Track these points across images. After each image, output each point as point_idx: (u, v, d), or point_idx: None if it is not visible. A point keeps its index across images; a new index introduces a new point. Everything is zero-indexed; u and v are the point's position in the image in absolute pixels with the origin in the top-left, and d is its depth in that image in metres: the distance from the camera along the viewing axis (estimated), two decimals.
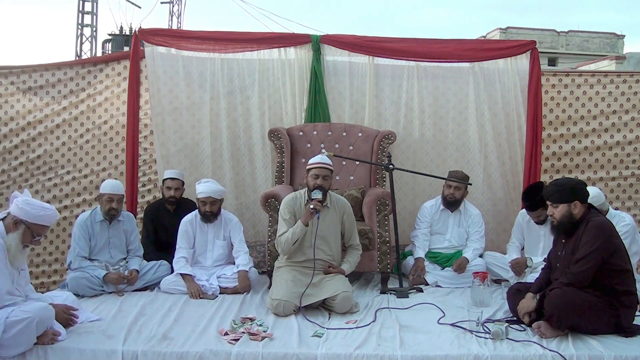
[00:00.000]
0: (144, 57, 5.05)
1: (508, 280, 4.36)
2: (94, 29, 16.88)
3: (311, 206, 3.71)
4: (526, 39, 6.56)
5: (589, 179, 5.13)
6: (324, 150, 4.51)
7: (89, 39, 16.83)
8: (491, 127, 5.12)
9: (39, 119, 5.18)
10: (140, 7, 21.08)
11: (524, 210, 4.38)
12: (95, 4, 16.78)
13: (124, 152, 5.11)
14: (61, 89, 5.20)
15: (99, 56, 15.30)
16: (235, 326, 3.32)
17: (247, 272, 4.18)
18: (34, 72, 5.18)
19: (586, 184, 3.45)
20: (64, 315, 3.18)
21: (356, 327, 3.35)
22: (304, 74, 5.10)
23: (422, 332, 3.29)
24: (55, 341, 3.00)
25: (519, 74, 5.06)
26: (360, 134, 4.97)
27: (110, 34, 20.08)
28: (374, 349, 3.02)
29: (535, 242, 4.40)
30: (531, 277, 4.02)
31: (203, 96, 5.13)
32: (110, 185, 4.25)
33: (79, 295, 3.85)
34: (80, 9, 16.74)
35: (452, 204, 4.62)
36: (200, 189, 4.28)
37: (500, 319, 3.49)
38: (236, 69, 5.16)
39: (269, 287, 4.03)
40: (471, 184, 4.75)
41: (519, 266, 4.29)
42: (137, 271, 4.16)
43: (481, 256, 4.57)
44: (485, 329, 3.26)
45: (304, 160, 4.72)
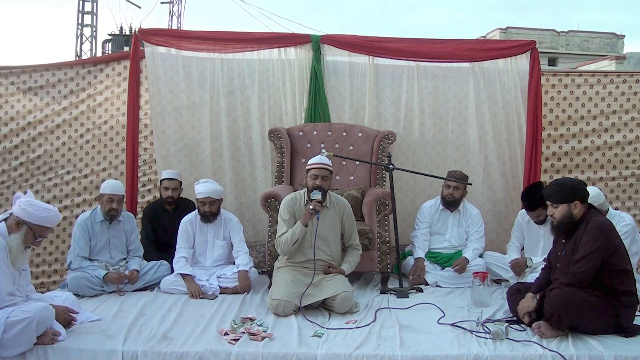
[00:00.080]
0: (144, 57, 5.06)
1: (508, 280, 4.36)
2: (94, 29, 16.89)
3: (310, 207, 3.71)
4: (526, 39, 6.56)
5: (589, 179, 5.13)
6: (324, 151, 4.50)
7: (89, 39, 16.83)
8: (491, 127, 5.12)
9: (39, 119, 5.19)
10: (140, 7, 21.09)
11: (523, 210, 4.38)
12: (95, 4, 16.79)
13: (124, 152, 5.11)
14: (61, 89, 5.21)
15: (99, 56, 15.31)
16: (235, 326, 3.32)
17: (247, 272, 4.18)
18: (34, 72, 5.19)
19: (586, 184, 3.45)
20: (64, 316, 3.18)
21: (356, 327, 3.35)
22: (304, 74, 5.10)
23: (422, 332, 3.29)
24: (55, 341, 3.00)
25: (519, 74, 5.07)
26: (360, 134, 4.97)
27: (110, 34, 20.09)
28: (374, 349, 3.02)
29: (535, 242, 4.40)
30: (531, 277, 4.02)
31: (203, 96, 5.14)
32: (111, 186, 4.25)
33: (79, 295, 3.85)
34: (80, 9, 16.74)
35: (451, 204, 4.62)
36: (199, 189, 4.28)
37: (500, 319, 3.49)
38: (236, 69, 5.16)
39: (269, 287, 4.03)
40: (471, 184, 4.75)
41: (519, 266, 4.29)
42: (137, 271, 4.17)
43: (481, 256, 4.57)
44: (485, 329, 3.26)
45: (304, 160, 4.72)
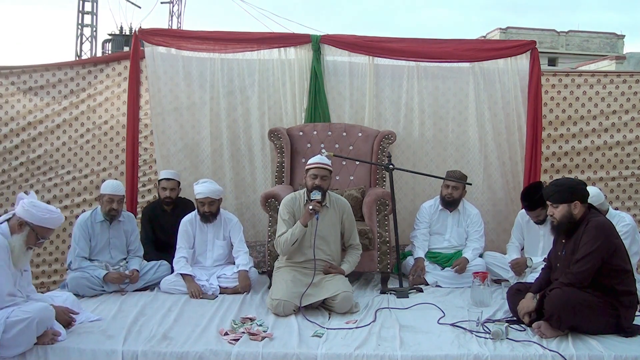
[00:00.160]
0: (144, 57, 5.06)
1: (508, 280, 4.36)
2: (94, 29, 16.91)
3: (310, 207, 3.70)
4: (526, 39, 6.55)
5: (589, 179, 5.13)
6: (324, 151, 4.50)
7: (89, 39, 16.85)
8: (491, 127, 5.12)
9: (40, 119, 5.19)
10: (140, 7, 21.13)
11: (523, 210, 4.38)
12: (95, 4, 16.81)
13: (124, 152, 5.11)
14: (62, 89, 5.21)
15: (99, 56, 15.33)
16: (235, 326, 3.32)
17: (247, 272, 4.18)
18: (34, 72, 5.20)
19: (586, 184, 3.45)
20: (64, 316, 3.18)
21: (356, 327, 3.35)
22: (304, 74, 5.10)
23: (422, 332, 3.29)
24: (55, 341, 3.00)
25: (519, 74, 5.06)
26: (360, 134, 4.97)
27: (110, 34, 20.12)
28: (374, 349, 3.02)
29: (535, 242, 4.40)
30: (531, 277, 4.02)
31: (203, 96, 5.13)
32: (111, 186, 4.24)
33: (79, 295, 3.85)
34: (80, 9, 16.76)
35: (450, 203, 4.62)
36: (198, 189, 4.27)
37: (500, 319, 3.49)
38: (236, 69, 5.16)
39: (269, 287, 4.03)
40: (471, 184, 4.76)
41: (519, 266, 4.29)
42: (138, 271, 4.16)
43: (481, 256, 4.57)
44: (485, 329, 3.25)
45: (304, 160, 4.72)
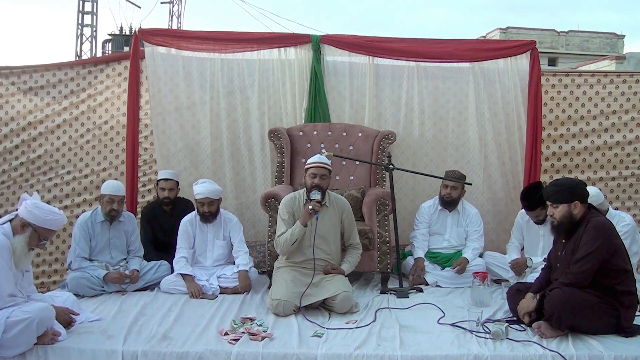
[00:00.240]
0: (144, 58, 5.06)
1: (508, 280, 4.36)
2: (94, 29, 16.91)
3: (309, 207, 3.70)
4: (526, 39, 6.56)
5: (589, 179, 5.13)
6: (324, 150, 4.50)
7: (89, 39, 16.86)
8: (491, 127, 5.12)
9: (40, 119, 5.19)
10: (140, 7, 21.13)
11: (523, 210, 4.38)
12: (95, 4, 16.81)
13: (124, 152, 5.11)
14: (62, 89, 5.21)
15: (99, 56, 15.34)
16: (235, 326, 3.32)
17: (247, 272, 4.18)
18: (34, 72, 5.20)
19: (586, 184, 3.45)
20: (64, 316, 3.18)
21: (356, 327, 3.35)
22: (304, 74, 5.10)
23: (422, 332, 3.29)
24: (55, 341, 3.00)
25: (519, 74, 5.06)
26: (360, 134, 4.97)
27: (110, 34, 20.14)
28: (374, 349, 3.02)
29: (535, 242, 4.40)
30: (531, 277, 4.02)
31: (203, 96, 5.13)
32: (111, 186, 4.24)
33: (79, 295, 3.85)
34: (80, 9, 16.77)
35: (449, 203, 4.62)
36: (197, 190, 4.27)
37: (500, 319, 3.49)
38: (236, 69, 5.16)
39: (269, 287, 4.03)
40: (471, 184, 4.76)
41: (519, 266, 4.29)
42: (138, 271, 4.16)
43: (481, 256, 4.57)
44: (485, 329, 3.26)
45: (304, 160, 4.71)
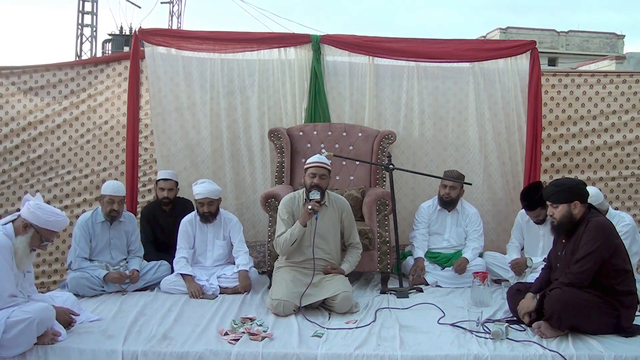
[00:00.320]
0: (144, 58, 5.06)
1: (508, 280, 4.36)
2: (94, 29, 16.92)
3: (309, 207, 3.71)
4: (526, 39, 6.56)
5: (589, 179, 5.13)
6: (324, 150, 4.50)
7: (89, 39, 16.87)
8: (491, 127, 5.12)
9: (40, 119, 5.20)
10: (140, 7, 21.15)
11: (523, 210, 4.38)
12: (95, 4, 16.83)
13: (124, 152, 5.11)
14: (62, 89, 5.22)
15: (99, 56, 15.35)
16: (235, 326, 3.32)
17: (247, 271, 4.18)
18: (35, 72, 5.20)
19: (586, 184, 3.45)
20: (64, 317, 3.18)
21: (356, 327, 3.35)
22: (304, 74, 5.10)
23: (422, 332, 3.29)
24: (55, 341, 3.00)
25: (519, 74, 5.06)
26: (360, 134, 4.97)
27: (110, 34, 20.14)
28: (374, 349, 3.02)
29: (535, 242, 4.40)
30: (531, 277, 4.02)
31: (203, 96, 5.13)
32: (112, 187, 4.23)
33: (79, 295, 3.85)
34: (80, 9, 16.78)
35: (448, 203, 4.62)
36: (196, 190, 4.27)
37: (500, 319, 3.49)
38: (236, 69, 5.16)
39: (269, 287, 4.03)
40: (470, 184, 4.76)
41: (519, 266, 4.29)
42: (138, 271, 4.16)
43: (481, 256, 4.57)
44: (485, 329, 3.26)
45: (304, 160, 4.70)
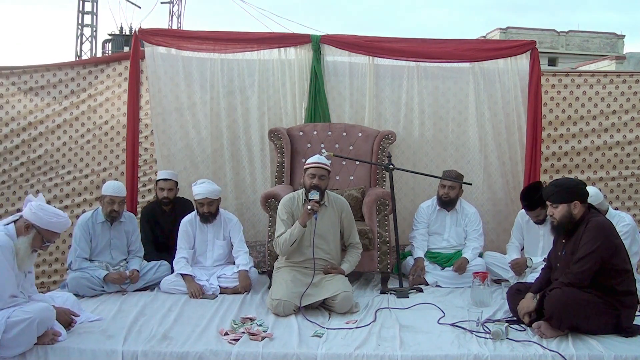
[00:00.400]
0: (144, 58, 5.06)
1: (508, 280, 4.36)
2: (94, 29, 16.91)
3: (308, 207, 3.71)
4: (526, 39, 6.55)
5: (589, 179, 5.13)
6: (324, 151, 4.50)
7: (89, 39, 16.85)
8: (491, 127, 5.12)
9: (40, 119, 5.20)
10: (140, 7, 21.14)
11: (523, 210, 4.38)
12: (95, 4, 16.81)
13: (124, 152, 5.11)
14: (62, 89, 5.22)
15: (100, 56, 15.35)
16: (235, 326, 3.32)
17: (247, 271, 4.18)
18: (35, 72, 5.20)
19: (586, 184, 3.45)
20: (65, 317, 3.18)
21: (356, 327, 3.35)
22: (304, 74, 5.10)
23: (422, 332, 3.29)
24: (55, 341, 3.00)
25: (519, 74, 5.07)
26: (360, 134, 4.98)
27: (110, 34, 20.11)
28: (374, 349, 3.02)
29: (535, 242, 4.40)
30: (531, 277, 4.02)
31: (203, 96, 5.14)
32: (112, 187, 4.23)
33: (79, 295, 3.85)
34: (80, 9, 16.76)
35: (447, 203, 4.62)
36: (196, 190, 4.27)
37: (500, 319, 3.49)
38: (236, 69, 5.16)
39: (269, 287, 4.03)
40: (470, 184, 4.76)
41: (519, 266, 4.29)
42: (138, 271, 4.16)
43: (481, 256, 4.57)
44: (485, 329, 3.26)
45: (304, 160, 4.69)
